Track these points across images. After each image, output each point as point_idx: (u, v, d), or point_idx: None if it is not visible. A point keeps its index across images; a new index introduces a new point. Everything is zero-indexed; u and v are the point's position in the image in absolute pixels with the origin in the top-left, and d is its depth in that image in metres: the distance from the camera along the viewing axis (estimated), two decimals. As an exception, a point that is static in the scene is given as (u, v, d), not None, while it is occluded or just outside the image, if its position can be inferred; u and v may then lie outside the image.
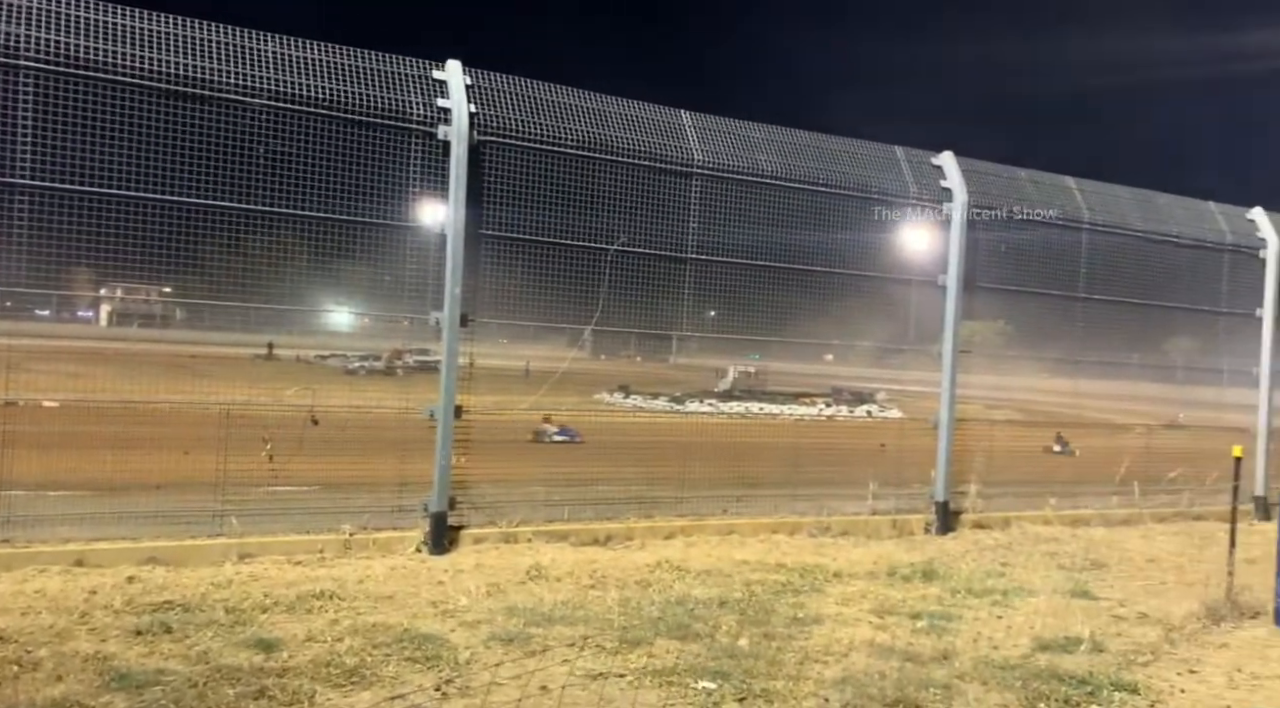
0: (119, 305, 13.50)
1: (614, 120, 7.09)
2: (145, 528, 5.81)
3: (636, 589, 5.66)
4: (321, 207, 6.29)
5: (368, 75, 6.29)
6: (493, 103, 6.62)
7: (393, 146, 6.42)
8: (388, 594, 5.29)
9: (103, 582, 5.12)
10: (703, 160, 7.35)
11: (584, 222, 7.09)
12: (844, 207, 7.99)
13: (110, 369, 9.83)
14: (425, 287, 6.61)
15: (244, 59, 5.95)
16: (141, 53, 5.72)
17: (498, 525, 6.65)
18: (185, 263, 6.35)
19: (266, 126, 6.12)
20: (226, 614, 4.74)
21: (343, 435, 7.01)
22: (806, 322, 8.82)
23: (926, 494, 8.15)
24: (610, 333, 7.73)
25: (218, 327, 11.27)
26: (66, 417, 6.11)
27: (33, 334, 8.48)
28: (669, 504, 7.40)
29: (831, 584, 6.04)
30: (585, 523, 6.91)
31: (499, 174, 6.66)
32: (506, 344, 9.39)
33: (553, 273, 7.12)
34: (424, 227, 6.65)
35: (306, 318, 8.72)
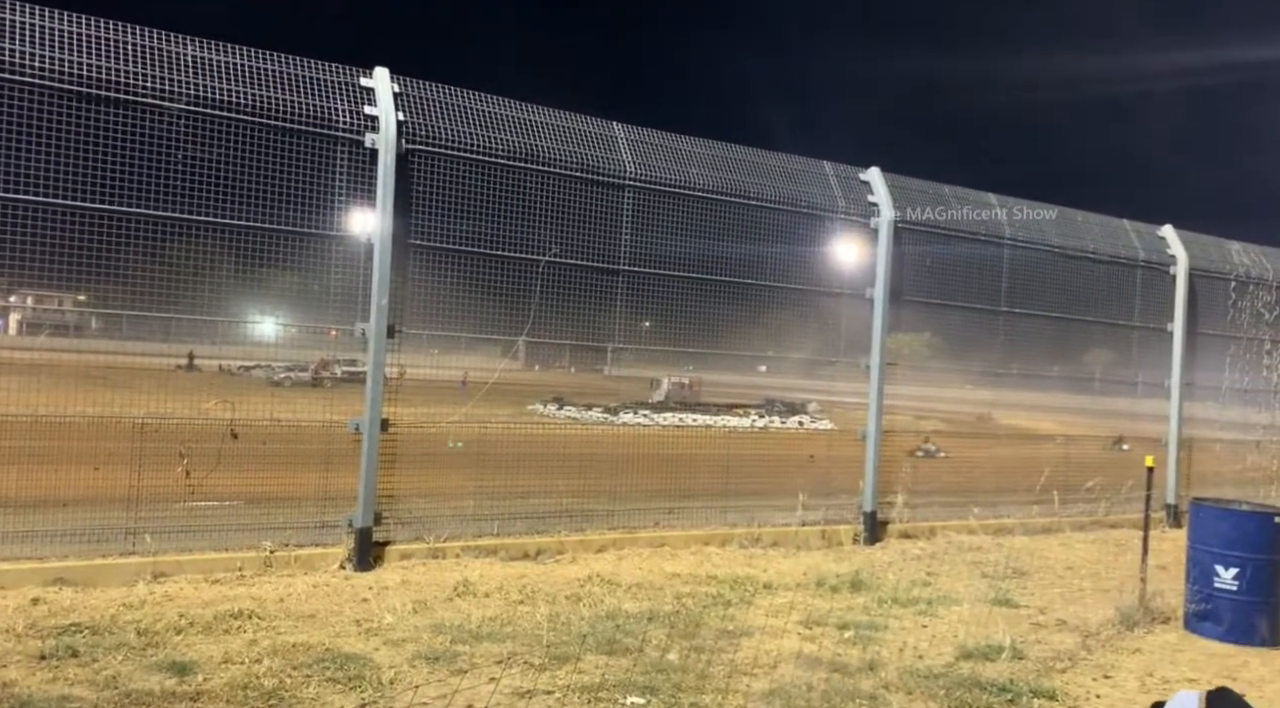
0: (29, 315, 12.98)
1: (546, 131, 7.06)
2: (52, 547, 5.57)
3: (566, 604, 5.62)
4: (246, 215, 6.14)
5: (292, 81, 6.16)
6: (422, 111, 6.54)
7: (319, 154, 6.28)
8: (309, 613, 5.15)
9: (4, 604, 4.89)
10: (635, 172, 7.36)
11: (516, 232, 7.03)
12: (775, 220, 8.09)
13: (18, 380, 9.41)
14: (354, 297, 6.48)
15: (162, 62, 5.78)
16: (54, 54, 5.52)
17: (425, 541, 6.53)
18: (101, 271, 6.12)
19: (186, 132, 5.94)
20: (138, 636, 4.56)
21: (264, 449, 6.81)
22: (740, 333, 8.88)
23: (855, 504, 8.27)
24: (545, 344, 7.67)
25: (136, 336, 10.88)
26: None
27: (-64, 344, 8.09)
28: (601, 517, 7.36)
29: (761, 596, 6.08)
30: (515, 537, 6.84)
31: (428, 183, 6.58)
32: (438, 355, 9.25)
33: (484, 283, 7.04)
34: (351, 236, 6.52)
35: (230, 328, 8.47)
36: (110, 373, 9.87)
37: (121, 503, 5.83)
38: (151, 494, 5.91)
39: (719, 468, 8.09)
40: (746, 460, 8.49)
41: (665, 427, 14.41)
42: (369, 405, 6.31)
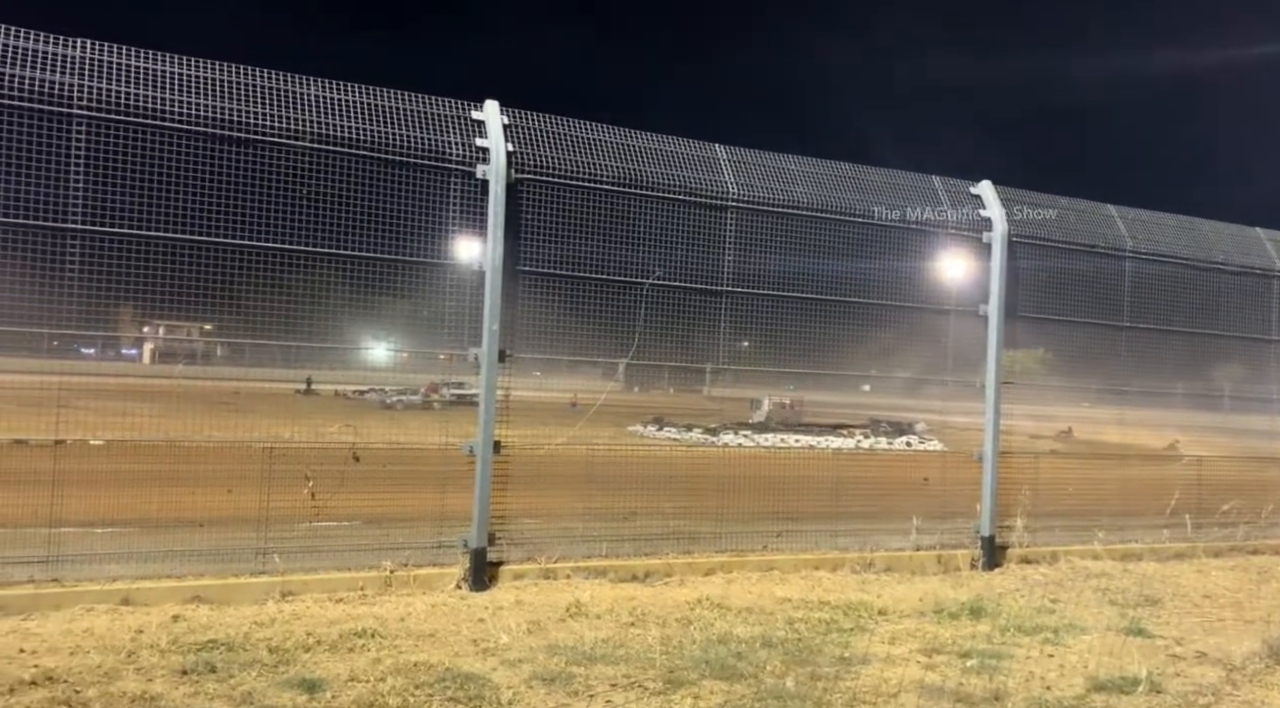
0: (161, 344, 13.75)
1: (649, 156, 7.14)
2: (190, 566, 5.85)
3: (678, 627, 5.60)
4: (362, 245, 6.38)
5: (408, 117, 6.39)
6: (529, 141, 6.69)
7: (432, 186, 6.50)
8: (429, 632, 5.27)
9: (149, 621, 5.15)
10: (738, 193, 7.36)
11: (620, 256, 7.11)
12: (881, 237, 7.96)
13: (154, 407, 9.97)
14: (462, 322, 6.66)
15: (288, 103, 6.08)
16: (188, 98, 5.86)
17: (536, 561, 6.62)
18: (227, 301, 6.46)
19: (309, 168, 6.22)
20: (270, 654, 4.74)
21: (383, 471, 7.04)
22: (843, 353, 8.74)
23: (972, 528, 8.01)
24: (644, 365, 7.72)
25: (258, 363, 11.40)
26: (112, 455, 6.19)
27: (79, 372, 8.64)
28: (708, 540, 7.33)
29: (877, 622, 5.93)
30: (624, 559, 6.86)
31: (536, 211, 6.72)
32: (540, 378, 9.42)
33: (588, 307, 7.14)
34: (462, 264, 6.71)
35: (345, 354, 8.80)
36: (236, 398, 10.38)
37: (251, 524, 6.09)
38: (279, 515, 6.16)
39: (827, 490, 7.96)
40: (855, 482, 8.33)
41: (768, 447, 14.30)
42: (482, 428, 6.45)
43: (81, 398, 6.80)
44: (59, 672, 4.32)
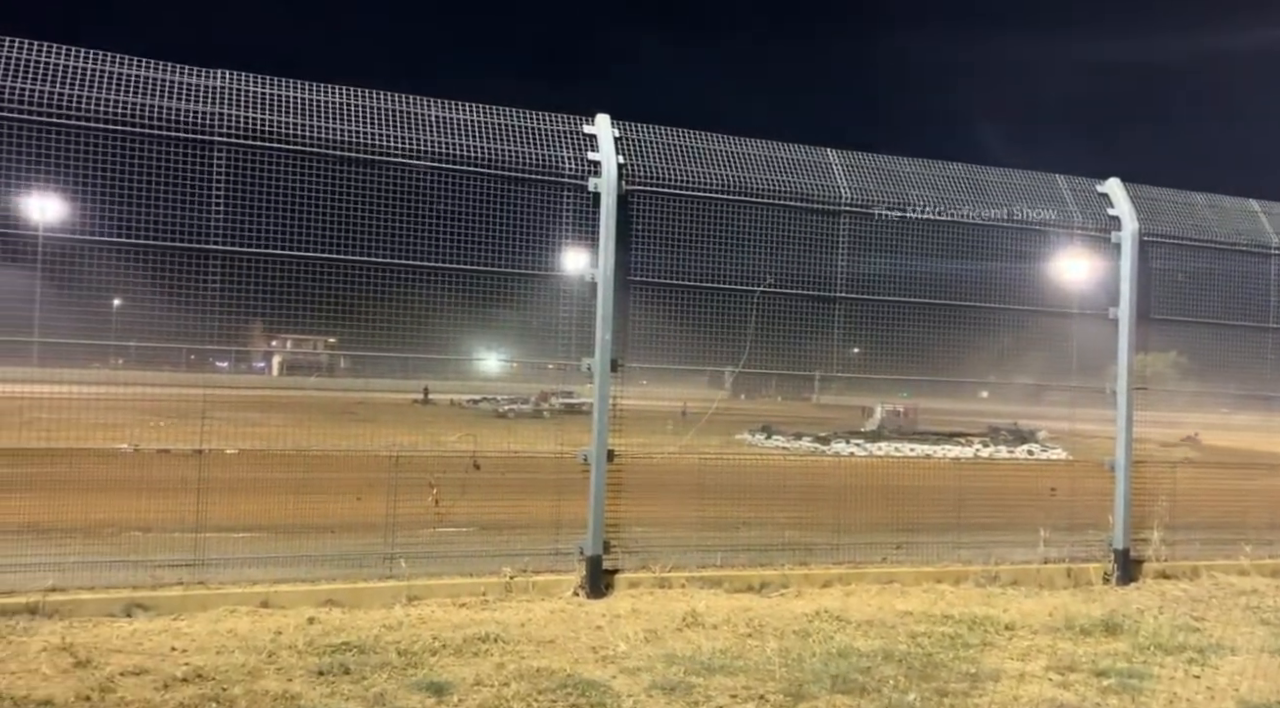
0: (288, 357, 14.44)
1: (759, 163, 7.10)
2: (323, 570, 6.10)
3: (796, 639, 5.53)
4: (477, 259, 6.54)
5: (523, 133, 6.54)
6: (639, 153, 6.75)
7: (546, 200, 6.63)
8: (549, 639, 5.36)
9: (286, 622, 5.39)
10: (850, 197, 7.25)
11: (729, 264, 7.09)
12: (1000, 239, 7.70)
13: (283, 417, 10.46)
14: (572, 332, 6.76)
15: (410, 124, 6.30)
16: (317, 122, 6.14)
17: (651, 570, 6.65)
18: (349, 315, 6.73)
19: (429, 186, 6.43)
20: (399, 656, 4.90)
21: (501, 479, 7.20)
22: (960, 358, 8.49)
23: (1104, 541, 7.64)
24: (751, 373, 7.66)
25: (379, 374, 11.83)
26: (246, 463, 6.53)
27: (215, 385, 9.15)
28: (824, 551, 7.21)
29: (1004, 637, 5.73)
30: (739, 569, 6.83)
31: (646, 221, 6.77)
32: (646, 386, 9.48)
33: (697, 316, 7.14)
34: (573, 275, 6.81)
35: (459, 364, 9.05)
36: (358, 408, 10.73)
37: (378, 529, 6.32)
38: (405, 521, 6.37)
39: (947, 500, 7.73)
40: (976, 492, 8.06)
41: (881, 456, 13.98)
42: (595, 437, 6.52)
43: (216, 409, 7.18)
44: (207, 670, 4.56)
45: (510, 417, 15.61)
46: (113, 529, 6.61)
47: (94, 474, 6.21)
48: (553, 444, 7.17)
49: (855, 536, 7.33)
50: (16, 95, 5.45)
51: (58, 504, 5.99)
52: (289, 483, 6.58)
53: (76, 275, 5.94)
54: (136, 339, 7.39)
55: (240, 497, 6.31)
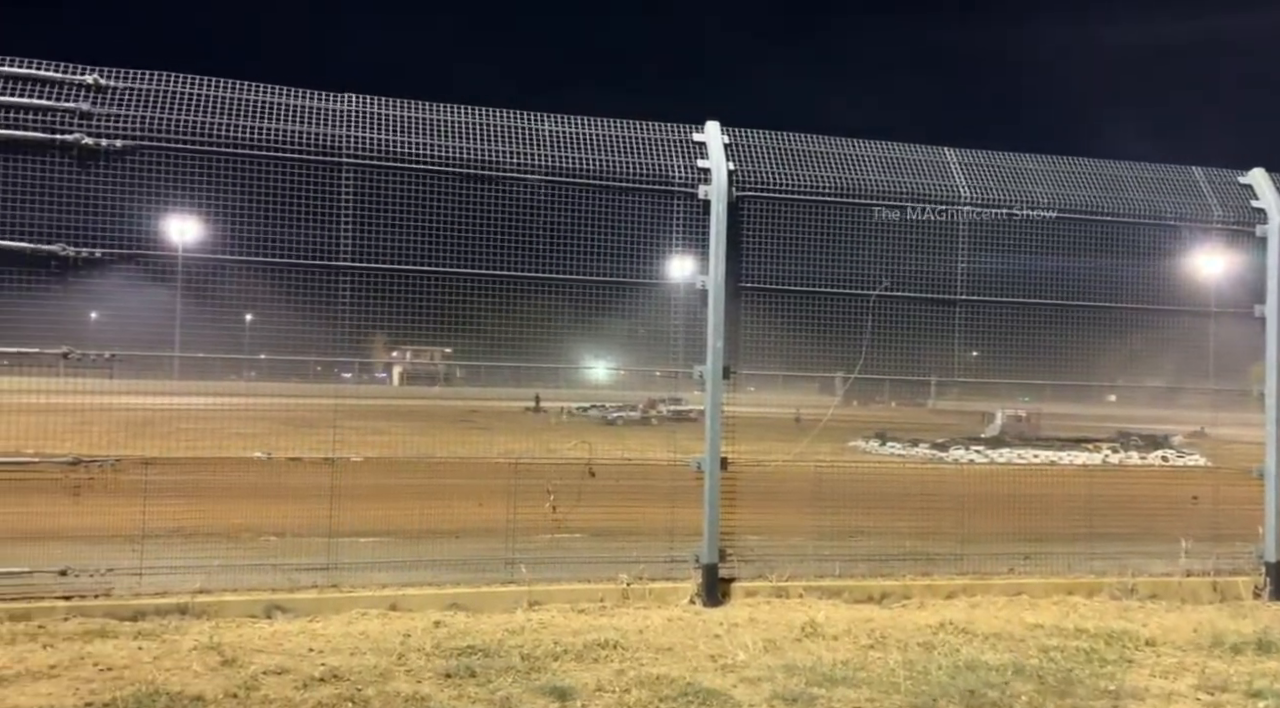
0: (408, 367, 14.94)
1: (872, 164, 6.98)
2: (447, 574, 6.28)
3: (919, 651, 5.39)
4: (588, 269, 6.63)
5: (632, 144, 6.61)
6: (749, 158, 6.73)
7: (656, 209, 6.67)
8: (667, 646, 5.37)
9: (414, 625, 5.57)
10: (970, 196, 7.04)
11: (844, 268, 6.98)
12: (1132, 235, 7.34)
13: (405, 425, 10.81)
14: (680, 340, 6.78)
15: (523, 139, 6.44)
16: (436, 142, 6.35)
17: (768, 579, 6.59)
18: (465, 327, 6.91)
19: (541, 199, 6.56)
20: (522, 660, 5.00)
21: (614, 485, 7.26)
22: (1086, 361, 8.13)
23: (1253, 553, 7.19)
24: (864, 379, 7.51)
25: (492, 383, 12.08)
26: (372, 470, 6.78)
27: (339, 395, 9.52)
28: (947, 561, 7.01)
29: (1144, 654, 5.44)
30: (858, 579, 6.70)
31: (757, 227, 6.74)
32: (754, 393, 9.41)
33: (809, 321, 7.06)
34: (684, 283, 6.83)
35: (569, 372, 9.18)
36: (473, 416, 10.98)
37: (499, 535, 6.46)
38: (524, 527, 6.50)
39: (1077, 509, 7.40)
40: (1107, 501, 7.69)
41: (1002, 463, 13.49)
42: (709, 445, 6.51)
43: (342, 418, 7.48)
44: (342, 670, 4.75)
45: (619, 424, 15.76)
46: (250, 534, 6.98)
47: (231, 481, 6.57)
48: (663, 451, 7.21)
49: (979, 545, 7.09)
50: (158, 125, 5.81)
51: (200, 510, 6.35)
52: (412, 489, 6.81)
53: (213, 293, 6.29)
54: (267, 352, 7.79)
55: (367, 502, 6.56)
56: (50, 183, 5.65)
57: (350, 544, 6.36)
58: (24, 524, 5.77)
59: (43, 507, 5.82)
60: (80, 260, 5.66)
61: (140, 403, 6.82)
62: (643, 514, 6.92)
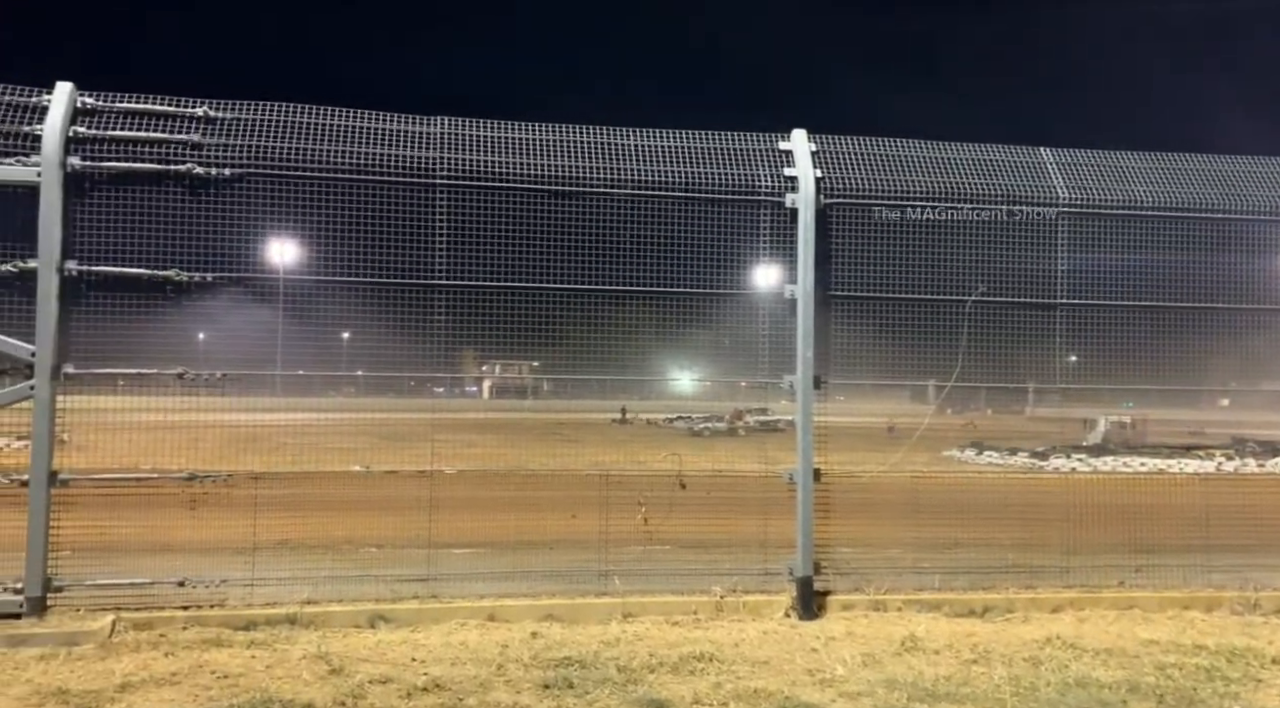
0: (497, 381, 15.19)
1: (963, 167, 6.82)
2: (542, 585, 6.35)
3: (1026, 667, 5.22)
4: (674, 281, 6.64)
5: (717, 155, 6.61)
6: (837, 165, 6.66)
7: (742, 219, 6.66)
8: (763, 659, 5.32)
9: (511, 636, 5.65)
10: (1069, 197, 6.82)
11: (936, 274, 6.84)
12: (1246, 232, 7.00)
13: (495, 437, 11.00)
14: (765, 349, 6.74)
15: (609, 154, 6.51)
16: (525, 159, 6.46)
17: (864, 592, 6.47)
18: (552, 340, 7.00)
19: (627, 213, 6.60)
20: (618, 672, 5.01)
21: (705, 497, 7.24)
22: (1196, 364, 7.76)
23: (1388, 567, 6.75)
24: (959, 386, 7.32)
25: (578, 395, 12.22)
26: (465, 482, 6.91)
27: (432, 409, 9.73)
28: (1053, 574, 6.76)
29: (1271, 672, 5.16)
30: (959, 593, 6.52)
31: (846, 234, 6.66)
32: (843, 402, 9.27)
33: (900, 329, 6.92)
34: (772, 292, 6.78)
35: (654, 384, 9.20)
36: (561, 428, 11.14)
37: (592, 547, 6.51)
38: (616, 539, 6.53)
39: (1192, 519, 7.06)
40: (1225, 510, 7.32)
41: (1108, 472, 12.96)
42: (800, 455, 6.45)
43: (435, 431, 7.64)
44: (444, 680, 4.85)
45: (705, 435, 15.70)
46: (350, 545, 7.18)
47: (332, 494, 6.78)
48: (752, 462, 7.15)
49: (1086, 558, 6.83)
50: (262, 153, 6.06)
51: (304, 522, 6.57)
52: (505, 501, 6.91)
53: (313, 312, 6.51)
54: (364, 369, 8.03)
55: (461, 514, 6.68)
56: (164, 211, 5.95)
57: (448, 555, 6.50)
58: (145, 537, 6.06)
59: (161, 520, 6.10)
60: (193, 284, 5.94)
61: (245, 419, 7.09)
62: (734, 526, 6.89)
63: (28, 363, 5.62)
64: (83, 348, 5.82)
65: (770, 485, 6.66)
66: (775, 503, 6.60)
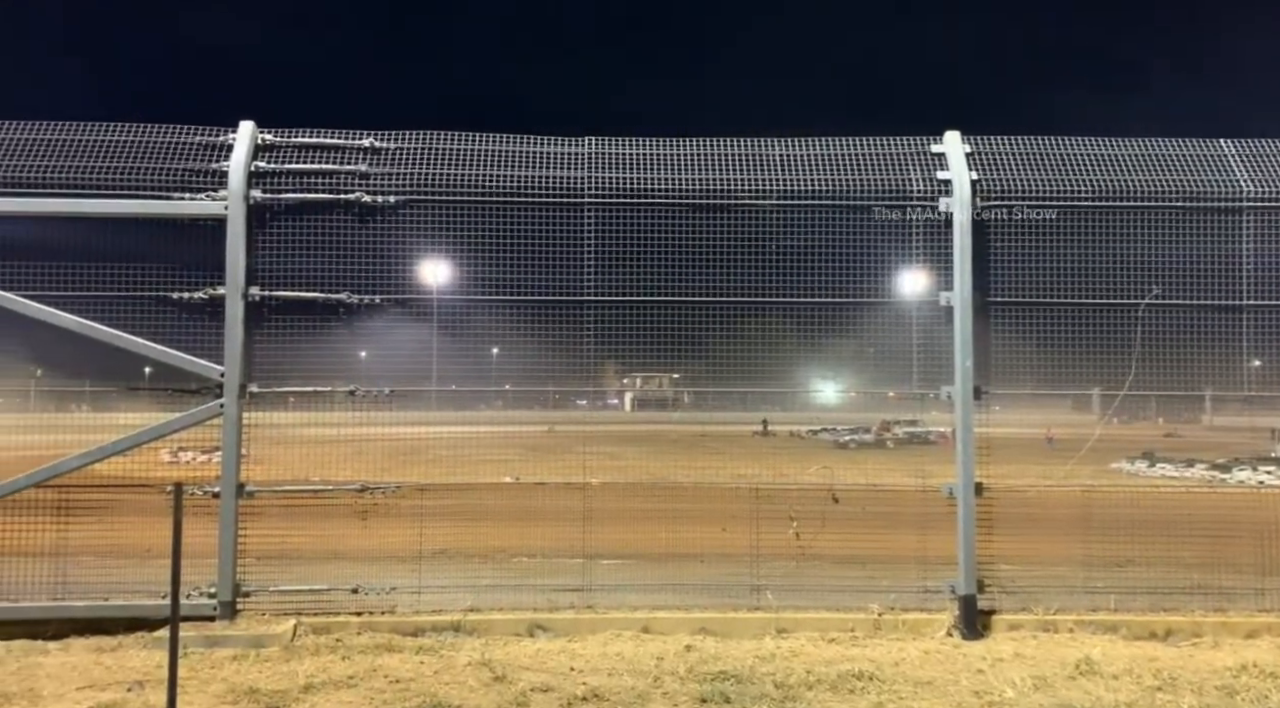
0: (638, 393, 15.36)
1: (1133, 163, 6.44)
2: (694, 598, 6.35)
3: (1219, 697, 4.85)
4: (817, 290, 6.54)
5: (865, 161, 6.48)
6: (994, 166, 6.42)
7: (890, 225, 6.49)
8: (926, 679, 5.15)
9: (666, 649, 5.67)
10: (1254, 192, 6.33)
11: (1105, 277, 6.47)
12: None
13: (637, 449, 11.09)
14: (916, 359, 6.54)
15: (753, 165, 6.49)
16: (669, 175, 6.52)
17: (1032, 612, 6.17)
18: (693, 352, 6.99)
19: (771, 223, 6.55)
20: (775, 688, 4.95)
21: (858, 511, 7.07)
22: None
23: None
24: (1127, 395, 6.88)
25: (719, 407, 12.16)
26: (610, 494, 6.97)
27: (577, 422, 9.92)
28: (1246, 596, 6.25)
29: None
30: (1137, 614, 6.12)
31: (1005, 238, 6.40)
32: (998, 412, 8.87)
33: (1066, 335, 6.58)
34: (922, 300, 6.58)
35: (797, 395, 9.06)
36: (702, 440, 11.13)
37: (743, 560, 6.46)
38: (767, 553, 6.46)
39: None
40: None
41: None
42: (960, 469, 6.22)
43: (579, 444, 7.77)
44: (602, 691, 4.91)
45: (851, 447, 15.38)
46: (503, 555, 7.39)
47: (485, 505, 6.98)
48: (903, 475, 6.95)
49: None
50: (423, 180, 6.36)
51: (461, 532, 6.79)
52: (652, 513, 6.94)
53: (467, 330, 6.76)
54: (511, 383, 8.25)
55: (610, 525, 6.74)
56: (333, 237, 6.32)
57: (599, 566, 6.58)
58: (318, 545, 6.42)
59: (332, 529, 6.45)
60: (363, 306, 6.28)
61: (404, 433, 7.41)
62: (890, 541, 6.70)
63: (217, 383, 6.07)
64: (264, 368, 6.23)
65: (926, 500, 6.45)
66: (932, 518, 6.39)
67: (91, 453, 6.02)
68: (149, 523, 6.11)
